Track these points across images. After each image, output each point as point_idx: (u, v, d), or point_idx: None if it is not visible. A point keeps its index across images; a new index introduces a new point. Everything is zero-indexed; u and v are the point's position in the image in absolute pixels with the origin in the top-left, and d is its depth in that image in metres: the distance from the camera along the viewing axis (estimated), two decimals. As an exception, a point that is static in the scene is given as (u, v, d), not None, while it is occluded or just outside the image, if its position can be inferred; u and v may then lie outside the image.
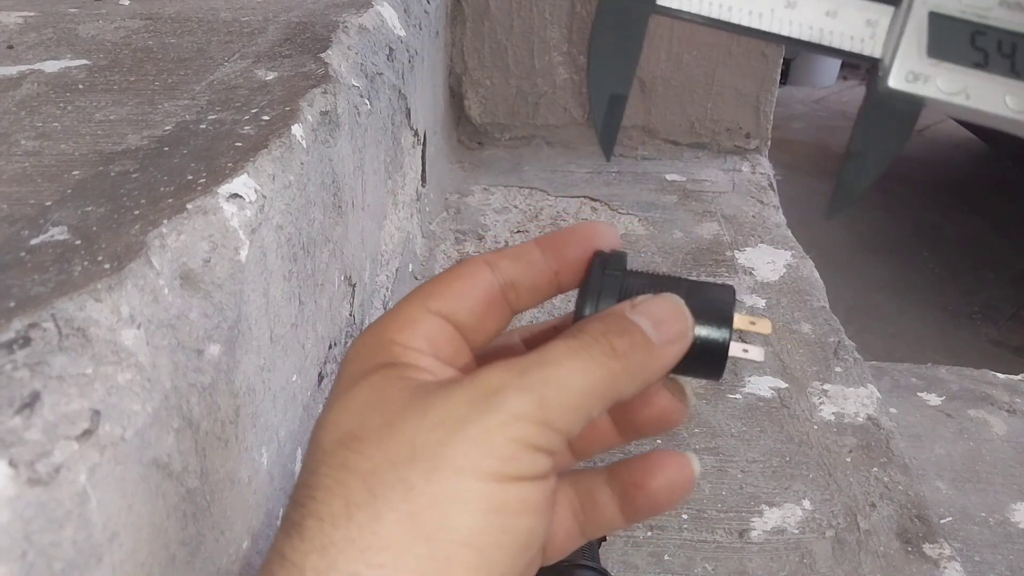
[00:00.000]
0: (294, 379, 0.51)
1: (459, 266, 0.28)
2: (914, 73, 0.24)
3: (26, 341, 0.28)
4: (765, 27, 0.25)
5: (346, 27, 0.71)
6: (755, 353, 0.27)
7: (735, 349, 0.26)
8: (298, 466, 0.52)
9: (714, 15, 0.26)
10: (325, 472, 0.23)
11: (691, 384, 0.29)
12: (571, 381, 0.23)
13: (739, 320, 0.27)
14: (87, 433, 0.27)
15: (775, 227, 1.12)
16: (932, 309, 2.23)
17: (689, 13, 0.27)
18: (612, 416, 0.29)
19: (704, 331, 0.26)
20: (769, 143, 1.34)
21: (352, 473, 0.22)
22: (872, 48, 0.24)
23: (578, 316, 0.27)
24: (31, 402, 0.26)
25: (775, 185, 1.26)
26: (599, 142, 0.29)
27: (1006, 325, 2.18)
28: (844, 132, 3.38)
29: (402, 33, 0.83)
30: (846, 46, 0.25)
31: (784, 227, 1.13)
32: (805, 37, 0.25)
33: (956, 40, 0.23)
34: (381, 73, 0.73)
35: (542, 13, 1.25)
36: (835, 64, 3.88)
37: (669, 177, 1.26)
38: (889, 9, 0.24)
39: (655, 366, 0.25)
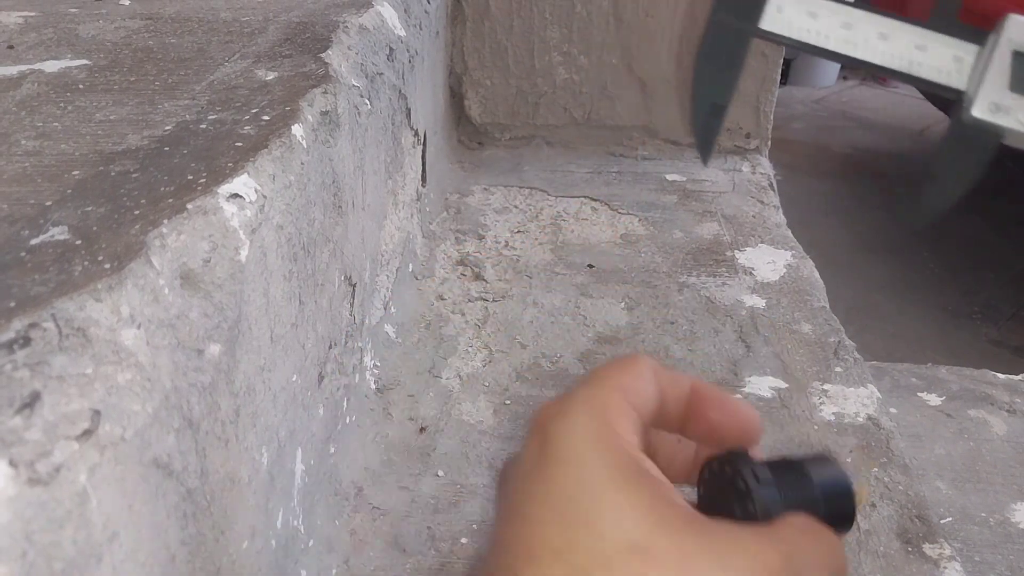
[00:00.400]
0: (294, 379, 0.50)
1: (638, 364, 0.30)
2: (996, 105, 0.26)
3: (26, 341, 0.28)
4: (859, 55, 0.28)
5: (346, 27, 0.71)
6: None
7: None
8: (299, 467, 0.52)
9: (811, 42, 0.28)
10: (615, 566, 0.24)
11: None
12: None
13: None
14: (87, 433, 0.27)
15: (775, 227, 1.12)
16: (932, 309, 2.22)
17: (788, 38, 0.29)
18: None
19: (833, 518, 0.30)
20: (769, 143, 1.34)
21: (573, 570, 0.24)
22: (958, 81, 0.27)
23: (726, 509, 0.29)
24: (31, 402, 0.27)
25: (775, 185, 1.26)
26: (697, 146, 0.30)
27: (1006, 325, 2.18)
28: (844, 132, 3.38)
29: (402, 33, 0.83)
30: (933, 77, 0.27)
31: (784, 227, 1.13)
32: (895, 67, 0.27)
33: None
34: (381, 73, 0.73)
35: (542, 13, 1.25)
36: (835, 64, 3.88)
37: (669, 177, 1.26)
38: (974, 47, 0.26)
39: None
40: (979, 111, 0.26)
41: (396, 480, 0.67)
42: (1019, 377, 1.00)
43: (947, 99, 0.27)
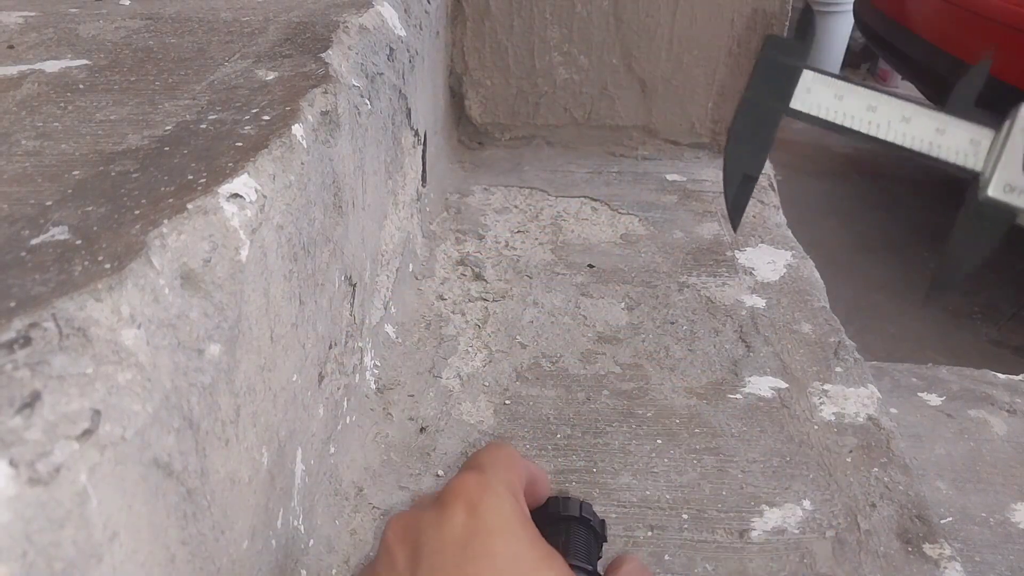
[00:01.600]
0: (295, 379, 0.50)
1: (518, 462, 0.37)
2: (1010, 186, 0.27)
3: (26, 341, 0.28)
4: (883, 136, 0.30)
5: (346, 27, 0.71)
6: None
7: None
8: (299, 466, 0.52)
9: (838, 121, 0.30)
10: None
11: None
12: None
13: None
14: (87, 433, 0.27)
15: (775, 227, 1.12)
16: (932, 309, 2.23)
17: (816, 118, 0.31)
18: None
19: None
20: (769, 143, 1.34)
21: None
22: (974, 163, 0.28)
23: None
24: (31, 402, 0.27)
25: (775, 185, 1.26)
26: (728, 213, 0.33)
27: (1006, 325, 2.18)
28: (844, 132, 3.38)
29: (402, 33, 0.83)
30: (951, 159, 0.29)
31: (784, 227, 1.13)
32: (916, 148, 0.29)
33: None
34: (381, 73, 0.73)
35: (542, 13, 1.25)
36: (836, 65, 3.88)
37: (669, 177, 1.26)
38: (990, 131, 0.28)
39: None
40: (994, 191, 0.28)
41: (396, 480, 0.67)
42: (1019, 377, 1.00)
43: (962, 177, 0.29)
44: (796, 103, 0.31)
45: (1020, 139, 0.27)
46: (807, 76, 0.30)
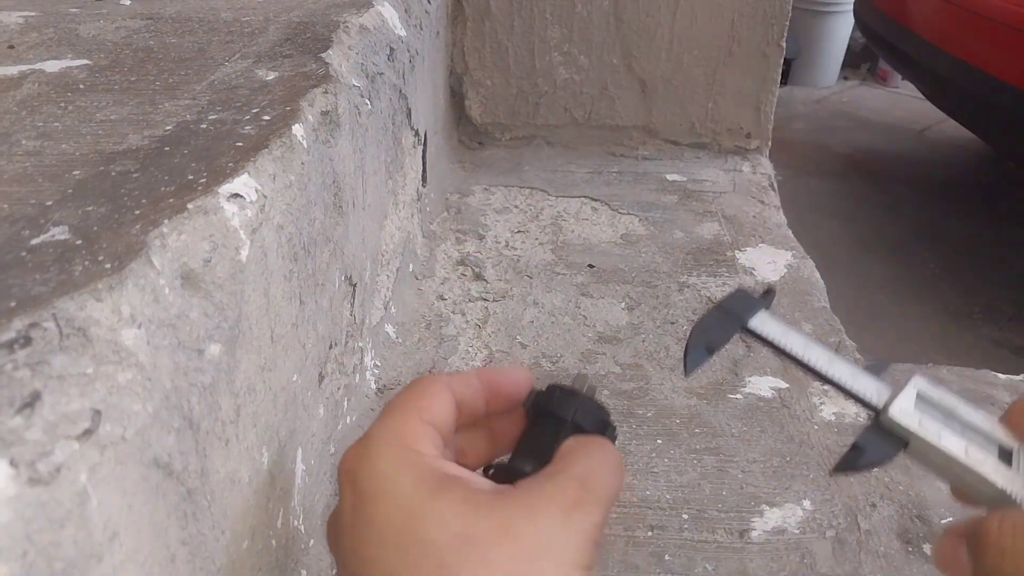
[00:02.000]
0: (295, 379, 0.50)
1: (430, 386, 0.35)
2: (905, 412, 0.35)
3: (27, 341, 0.28)
4: (813, 364, 0.38)
5: (347, 27, 0.71)
6: None
7: None
8: (299, 466, 0.52)
9: (783, 348, 0.38)
10: (451, 562, 0.28)
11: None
12: (613, 492, 0.32)
13: None
14: (87, 433, 0.27)
15: (776, 227, 1.12)
16: (932, 309, 2.23)
17: (767, 340, 0.39)
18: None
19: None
20: (770, 143, 1.34)
21: (491, 565, 0.28)
22: (879, 401, 0.37)
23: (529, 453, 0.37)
24: (32, 402, 0.27)
25: (776, 185, 1.26)
26: (683, 361, 0.39)
27: (1007, 325, 2.18)
28: (845, 132, 3.38)
29: (403, 33, 0.83)
30: (859, 394, 0.37)
31: (785, 227, 1.13)
32: (836, 379, 0.37)
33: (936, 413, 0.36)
34: (382, 73, 0.73)
35: (543, 13, 1.25)
36: (836, 64, 3.88)
37: (670, 177, 1.26)
38: (888, 391, 0.37)
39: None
40: (888, 417, 0.35)
41: (396, 480, 0.67)
42: (1020, 377, 1.00)
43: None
44: (753, 325, 0.39)
45: (912, 393, 0.37)
46: (763, 314, 0.40)
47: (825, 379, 0.38)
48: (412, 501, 0.29)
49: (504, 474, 0.36)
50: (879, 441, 0.36)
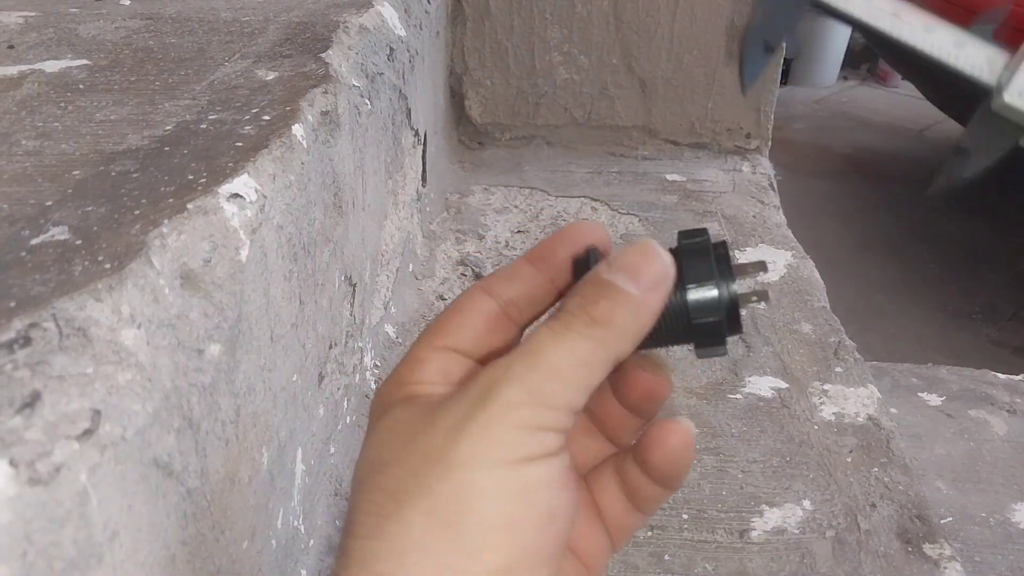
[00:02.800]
0: (295, 379, 0.50)
1: (458, 299, 0.30)
2: None
3: (27, 341, 0.28)
4: (904, 38, 0.30)
5: (346, 27, 0.71)
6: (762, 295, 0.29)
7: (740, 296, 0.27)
8: (299, 467, 0.52)
9: (863, 19, 0.31)
10: (362, 498, 0.25)
11: (662, 353, 0.30)
12: (557, 361, 0.25)
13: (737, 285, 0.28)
14: (87, 433, 0.27)
15: (775, 227, 1.12)
16: (932, 309, 2.22)
17: (842, 12, 0.31)
18: (617, 399, 0.31)
19: (697, 293, 0.27)
20: (770, 143, 1.34)
21: (383, 492, 0.25)
22: (989, 78, 0.29)
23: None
24: (31, 402, 0.27)
25: (775, 185, 1.26)
26: (739, 75, 0.32)
27: (1007, 325, 2.18)
28: (845, 132, 3.38)
29: (402, 33, 0.83)
30: (967, 70, 0.30)
31: (784, 227, 1.13)
32: (935, 55, 0.30)
33: None
34: (382, 73, 0.73)
35: (542, 13, 1.25)
36: (835, 64, 3.88)
37: (669, 177, 1.26)
38: (1006, 53, 0.29)
39: (643, 317, 0.26)
40: (1010, 97, 0.28)
41: (396, 480, 0.67)
42: (1019, 377, 1.00)
43: (973, 93, 0.29)
44: None
45: None
46: None
47: (917, 54, 0.30)
48: (373, 431, 0.27)
49: None
50: (989, 135, 0.29)
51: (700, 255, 0.27)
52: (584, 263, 0.28)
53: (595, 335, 0.25)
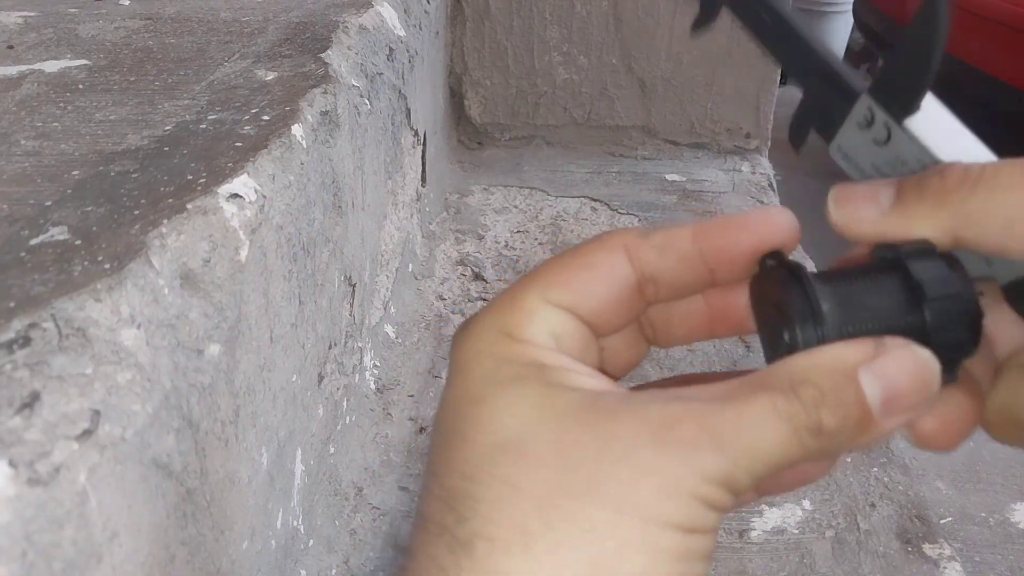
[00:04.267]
0: (294, 379, 0.50)
1: (590, 251, 0.24)
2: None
3: (26, 341, 0.28)
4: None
5: (346, 27, 0.71)
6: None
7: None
8: (298, 467, 0.52)
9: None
10: (486, 483, 0.21)
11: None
12: (765, 451, 0.20)
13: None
14: (87, 433, 0.27)
15: (775, 227, 1.12)
16: (932, 309, 2.22)
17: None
18: None
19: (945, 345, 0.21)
20: (769, 143, 1.34)
21: (522, 494, 0.21)
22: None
23: (773, 345, 0.23)
24: (31, 402, 0.26)
25: (775, 185, 1.26)
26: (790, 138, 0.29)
27: (1006, 325, 2.18)
28: (844, 132, 3.37)
29: (402, 33, 0.83)
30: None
31: (784, 227, 1.12)
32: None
33: None
34: (381, 73, 0.73)
35: (542, 13, 1.25)
36: (835, 64, 3.87)
37: (669, 177, 1.26)
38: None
39: (862, 443, 0.21)
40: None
41: (396, 480, 0.67)
42: (1019, 377, 1.00)
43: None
44: None
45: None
46: None
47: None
48: (479, 389, 0.22)
49: (766, 316, 0.24)
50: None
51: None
52: (778, 271, 0.23)
53: (809, 446, 0.21)
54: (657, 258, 0.24)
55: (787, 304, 0.22)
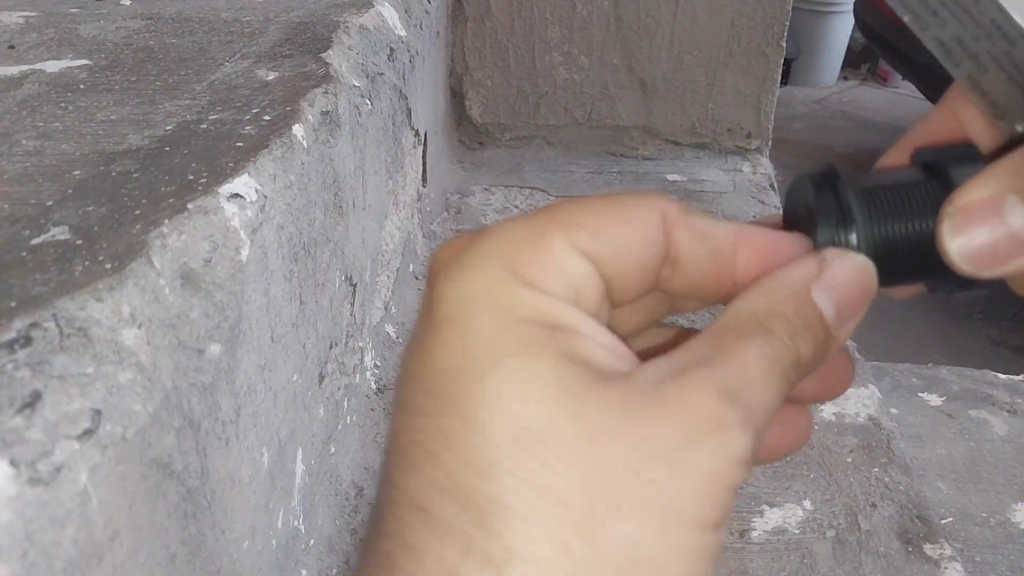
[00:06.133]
0: (295, 379, 0.51)
1: (628, 203, 0.21)
2: None
3: (27, 341, 0.28)
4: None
5: (347, 27, 0.71)
6: None
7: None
8: (299, 466, 0.52)
9: None
10: (511, 487, 0.18)
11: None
12: (769, 402, 0.19)
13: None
14: (88, 432, 0.27)
15: (776, 227, 1.12)
16: (933, 309, 2.22)
17: None
18: None
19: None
20: (770, 143, 1.34)
21: (558, 505, 0.18)
22: None
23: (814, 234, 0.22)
24: (32, 401, 0.27)
25: (776, 185, 1.26)
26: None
27: (1007, 325, 2.18)
28: (845, 132, 3.38)
29: (403, 33, 0.83)
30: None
31: (785, 227, 1.12)
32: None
33: None
34: (382, 73, 0.73)
35: (543, 13, 1.25)
36: (836, 65, 3.88)
37: (670, 177, 1.26)
38: None
39: (822, 363, 0.21)
40: None
41: (396, 480, 0.67)
42: (1020, 377, 1.00)
43: None
44: None
45: None
46: None
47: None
48: (483, 354, 0.19)
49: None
50: None
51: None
52: (813, 177, 0.22)
53: (792, 378, 0.20)
54: (690, 243, 0.21)
55: (820, 207, 0.22)
